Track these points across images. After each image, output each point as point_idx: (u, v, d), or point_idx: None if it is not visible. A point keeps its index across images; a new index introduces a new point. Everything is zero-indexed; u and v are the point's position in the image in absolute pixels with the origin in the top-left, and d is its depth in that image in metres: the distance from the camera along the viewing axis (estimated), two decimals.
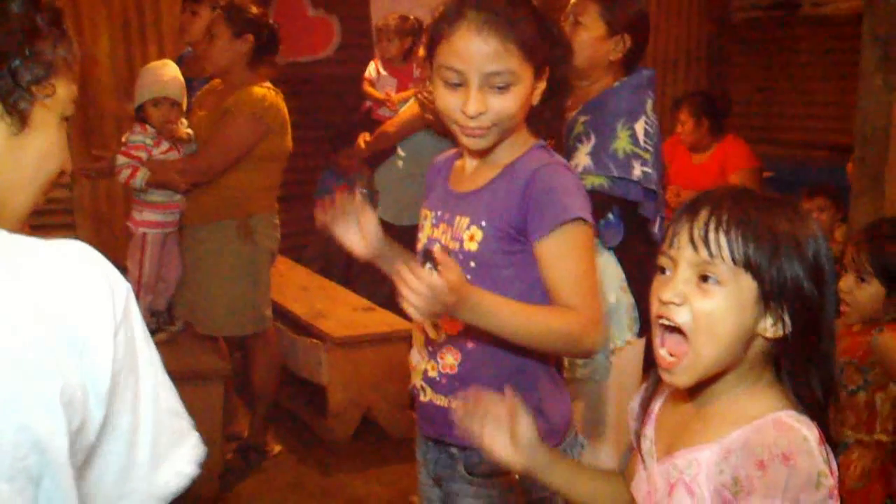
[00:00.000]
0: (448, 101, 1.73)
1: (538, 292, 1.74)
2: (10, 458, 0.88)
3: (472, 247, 1.76)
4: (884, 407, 2.46)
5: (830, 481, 1.18)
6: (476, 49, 1.68)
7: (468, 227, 1.77)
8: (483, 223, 1.75)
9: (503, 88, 1.69)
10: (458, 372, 1.79)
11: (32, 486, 0.90)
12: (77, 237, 1.09)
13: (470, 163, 1.85)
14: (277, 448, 4.03)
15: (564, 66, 1.83)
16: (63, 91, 1.04)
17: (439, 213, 1.85)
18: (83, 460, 0.97)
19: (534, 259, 1.73)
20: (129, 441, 1.00)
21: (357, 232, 1.83)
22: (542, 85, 1.77)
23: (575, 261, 1.71)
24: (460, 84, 1.70)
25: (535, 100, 1.77)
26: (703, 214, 1.24)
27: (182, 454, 1.06)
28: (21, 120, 1.00)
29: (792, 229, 1.23)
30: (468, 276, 1.74)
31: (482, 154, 1.81)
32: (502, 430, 1.43)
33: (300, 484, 3.78)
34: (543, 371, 1.82)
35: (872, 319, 2.45)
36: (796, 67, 6.58)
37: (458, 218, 1.79)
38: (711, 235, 1.22)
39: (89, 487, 0.99)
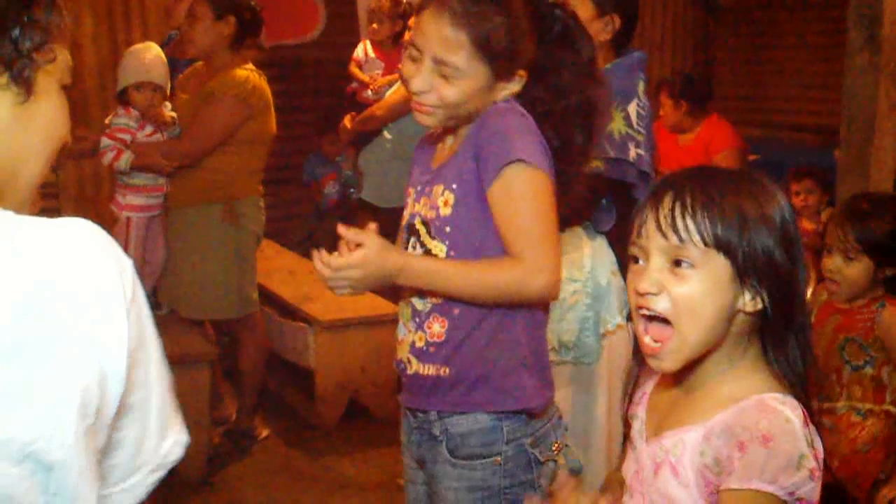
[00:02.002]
0: (406, 73, 1.80)
1: None
2: (19, 443, 0.88)
3: (447, 211, 1.77)
4: (892, 379, 2.49)
5: (812, 463, 1.18)
6: (430, 32, 1.73)
7: (442, 194, 1.78)
8: (454, 186, 1.77)
9: (445, 76, 1.73)
10: (446, 339, 1.79)
11: (42, 471, 0.89)
12: None
13: (448, 140, 1.86)
14: (265, 432, 4.03)
15: (573, 79, 1.82)
16: (61, 57, 1.04)
17: (419, 188, 1.87)
18: (105, 441, 0.97)
19: None
20: (142, 416, 1.00)
21: None
22: (512, 88, 1.78)
23: (518, 206, 1.71)
24: (417, 60, 1.76)
25: (500, 98, 1.78)
26: (667, 201, 1.25)
27: (178, 423, 1.07)
28: (27, 88, 1.00)
29: (757, 202, 1.24)
30: (445, 243, 1.77)
31: (451, 131, 1.84)
32: None
33: (288, 467, 3.78)
34: (531, 329, 1.82)
35: (857, 295, 2.48)
36: (782, 49, 6.59)
37: (434, 188, 1.81)
38: (679, 221, 1.23)
39: (109, 465, 0.99)
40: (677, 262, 1.23)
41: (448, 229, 1.77)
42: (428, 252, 1.80)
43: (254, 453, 3.89)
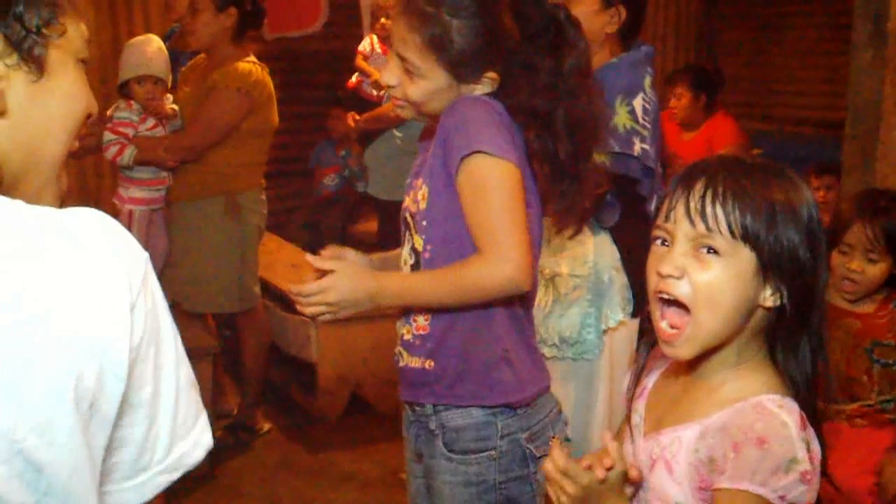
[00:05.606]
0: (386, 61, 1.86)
1: None
2: (7, 441, 0.85)
3: (423, 206, 1.78)
4: None
5: (803, 466, 1.17)
6: (394, 29, 1.78)
7: (420, 188, 1.79)
8: (428, 180, 1.78)
9: (409, 73, 1.75)
10: (430, 331, 1.80)
11: (32, 470, 0.87)
12: None
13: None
14: (267, 426, 4.03)
15: (548, 87, 1.76)
16: (73, 30, 1.02)
17: (409, 181, 1.88)
18: (108, 438, 0.94)
19: None
20: (149, 413, 0.97)
21: None
22: (482, 89, 1.76)
23: (479, 198, 1.69)
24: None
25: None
26: (699, 187, 1.23)
27: (200, 425, 1.04)
28: (38, 66, 0.98)
29: (787, 197, 1.23)
30: (422, 237, 1.77)
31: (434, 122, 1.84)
32: None
33: (290, 462, 3.78)
34: (511, 323, 1.80)
35: (867, 295, 2.47)
36: (786, 43, 6.57)
37: (416, 182, 1.82)
38: (708, 209, 1.22)
39: (112, 462, 0.97)
40: (703, 250, 1.22)
41: (425, 223, 1.77)
42: (414, 247, 1.80)
43: (255, 447, 3.89)
